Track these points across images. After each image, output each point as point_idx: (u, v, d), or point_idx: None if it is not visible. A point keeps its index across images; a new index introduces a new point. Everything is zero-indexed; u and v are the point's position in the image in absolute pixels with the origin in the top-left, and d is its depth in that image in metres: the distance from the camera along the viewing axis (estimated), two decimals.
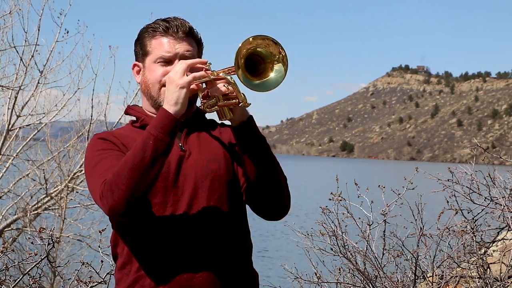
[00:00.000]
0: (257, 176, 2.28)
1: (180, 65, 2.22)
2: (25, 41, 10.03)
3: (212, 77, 2.23)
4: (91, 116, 10.91)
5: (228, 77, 2.19)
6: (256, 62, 2.17)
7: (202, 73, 2.21)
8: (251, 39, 2.11)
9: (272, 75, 2.17)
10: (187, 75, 2.20)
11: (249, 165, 2.28)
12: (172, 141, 2.17)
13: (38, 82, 10.52)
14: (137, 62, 2.43)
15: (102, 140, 2.33)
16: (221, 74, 2.22)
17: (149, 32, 2.37)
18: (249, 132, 2.27)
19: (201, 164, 2.31)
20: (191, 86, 2.20)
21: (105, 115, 11.10)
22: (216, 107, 2.26)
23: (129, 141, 2.33)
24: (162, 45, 2.34)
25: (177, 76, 2.19)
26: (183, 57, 2.33)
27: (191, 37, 2.37)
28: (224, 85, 2.23)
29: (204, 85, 2.27)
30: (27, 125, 10.90)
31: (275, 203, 2.33)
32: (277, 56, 2.16)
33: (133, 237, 2.30)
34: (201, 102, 2.31)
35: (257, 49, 2.14)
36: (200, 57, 2.41)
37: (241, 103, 2.20)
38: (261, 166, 2.28)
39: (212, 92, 2.25)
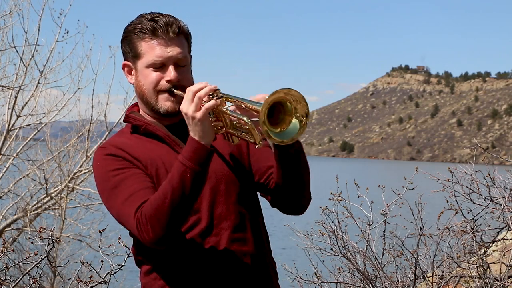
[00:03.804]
0: (288, 181, 2.27)
1: (190, 96, 2.15)
2: (25, 41, 10.06)
3: (224, 108, 2.16)
4: (91, 116, 10.95)
5: (245, 119, 2.12)
6: (276, 110, 2.09)
7: (213, 102, 2.14)
8: (285, 90, 2.03)
9: (288, 127, 2.09)
10: (196, 98, 2.15)
11: (283, 173, 2.25)
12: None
13: (38, 82, 10.54)
14: (127, 62, 2.37)
15: (112, 157, 2.27)
16: (235, 113, 2.15)
17: (136, 33, 2.30)
18: (292, 151, 2.22)
19: (214, 168, 2.28)
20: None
21: (105, 115, 11.14)
22: (223, 130, 2.23)
23: (140, 154, 2.28)
24: (153, 49, 2.28)
25: (192, 110, 2.13)
26: (176, 59, 2.29)
27: (181, 34, 2.32)
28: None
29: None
30: (27, 125, 10.91)
31: (302, 200, 2.34)
32: (298, 114, 2.08)
33: (156, 249, 2.27)
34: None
35: (287, 101, 2.06)
36: (190, 50, 2.37)
37: (257, 145, 2.15)
38: (295, 175, 2.27)
39: (219, 114, 2.20)
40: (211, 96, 2.16)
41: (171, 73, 2.28)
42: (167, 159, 2.28)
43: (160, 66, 2.29)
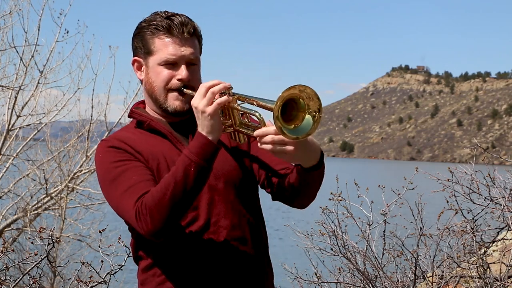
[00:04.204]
0: (305, 190, 2.27)
1: (203, 91, 2.14)
2: (25, 41, 10.06)
3: (235, 105, 2.16)
4: (91, 116, 10.96)
5: (257, 114, 2.12)
6: (289, 107, 2.06)
7: (225, 98, 2.14)
8: (301, 87, 2.01)
9: (302, 123, 2.08)
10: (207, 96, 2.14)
11: (303, 183, 2.25)
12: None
13: (38, 82, 10.54)
14: (137, 58, 2.36)
15: (114, 149, 2.27)
16: (247, 108, 2.14)
17: (151, 30, 2.30)
18: (316, 172, 2.22)
19: (213, 166, 2.26)
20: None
21: (105, 115, 11.15)
22: (231, 129, 2.23)
23: (142, 148, 2.29)
24: (166, 47, 2.28)
25: (203, 104, 2.13)
26: (188, 59, 2.29)
27: (194, 35, 2.32)
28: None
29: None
30: (27, 125, 10.91)
31: (309, 201, 2.36)
32: (311, 110, 2.06)
33: (155, 244, 2.28)
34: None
35: (299, 98, 2.04)
36: (201, 52, 2.37)
37: None
38: (314, 187, 2.28)
39: (229, 112, 2.20)
40: (223, 94, 2.16)
41: (183, 72, 2.29)
42: (168, 155, 2.29)
43: (172, 64, 2.29)
